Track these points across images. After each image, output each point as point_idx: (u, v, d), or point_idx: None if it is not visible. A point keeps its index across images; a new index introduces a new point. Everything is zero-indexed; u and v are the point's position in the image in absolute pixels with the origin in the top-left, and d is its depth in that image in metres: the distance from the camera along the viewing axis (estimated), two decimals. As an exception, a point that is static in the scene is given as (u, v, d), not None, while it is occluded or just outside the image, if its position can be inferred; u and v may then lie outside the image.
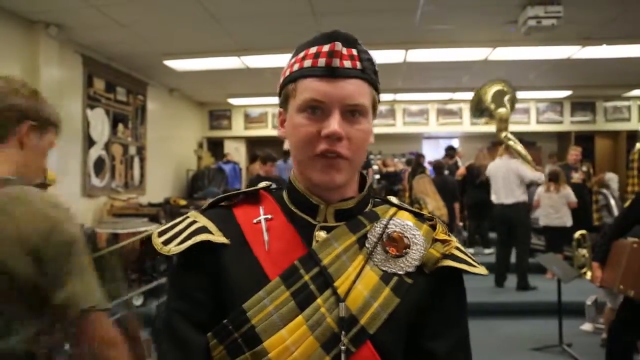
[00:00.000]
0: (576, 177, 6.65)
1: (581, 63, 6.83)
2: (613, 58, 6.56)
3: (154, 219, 6.16)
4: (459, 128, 10.44)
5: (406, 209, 0.92)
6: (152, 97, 7.88)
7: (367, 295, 0.80)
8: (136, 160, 7.46)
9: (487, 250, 7.24)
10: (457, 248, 0.87)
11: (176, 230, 0.86)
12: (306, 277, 0.80)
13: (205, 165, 9.67)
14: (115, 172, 6.86)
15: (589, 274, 6.15)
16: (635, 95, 9.77)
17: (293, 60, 0.87)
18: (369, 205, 0.91)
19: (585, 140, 10.89)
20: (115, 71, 6.74)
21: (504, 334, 4.62)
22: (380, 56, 6.25)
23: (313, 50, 0.83)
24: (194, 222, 0.87)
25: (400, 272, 0.83)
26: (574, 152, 6.91)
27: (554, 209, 6.04)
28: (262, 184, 0.95)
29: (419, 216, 0.91)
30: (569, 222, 6.02)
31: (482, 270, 0.86)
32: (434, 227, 0.89)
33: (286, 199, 0.90)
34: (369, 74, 0.84)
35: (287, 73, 0.87)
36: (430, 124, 10.35)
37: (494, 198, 5.88)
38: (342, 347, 0.76)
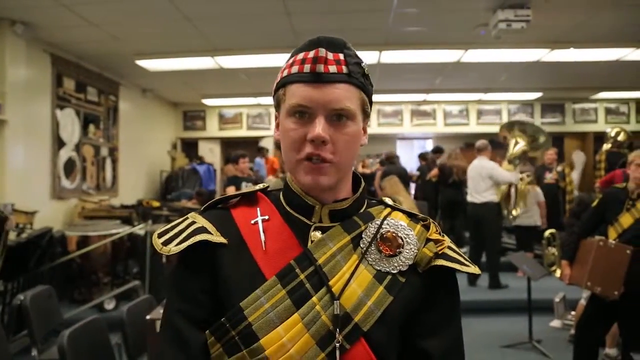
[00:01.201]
0: (549, 177, 6.79)
1: (550, 66, 7.00)
2: (580, 61, 6.73)
3: (127, 221, 6.05)
4: (432, 129, 10.56)
5: (400, 210, 0.93)
6: (124, 97, 7.75)
7: (361, 293, 0.81)
8: (108, 162, 7.33)
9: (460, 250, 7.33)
10: (450, 247, 0.89)
11: (176, 231, 0.88)
12: (302, 276, 0.82)
13: (179, 166, 9.57)
14: (87, 174, 6.72)
15: (558, 272, 6.29)
16: (602, 97, 10.06)
17: (284, 66, 0.89)
18: (364, 206, 0.93)
19: (555, 141, 11.13)
20: (85, 71, 6.61)
21: (476, 332, 4.68)
22: (355, 57, 6.32)
23: (300, 56, 0.85)
24: (193, 222, 0.89)
25: (394, 271, 0.84)
26: (550, 153, 7.05)
27: (524, 208, 6.16)
28: (259, 186, 0.97)
29: (412, 216, 0.93)
30: (539, 221, 6.15)
31: (474, 269, 0.88)
32: (427, 227, 0.91)
33: (282, 200, 0.92)
34: (357, 77, 0.86)
35: (279, 79, 0.89)
36: (404, 124, 10.46)
37: (468, 196, 6.01)
38: (337, 344, 0.78)
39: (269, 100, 9.88)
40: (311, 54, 0.84)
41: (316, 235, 0.86)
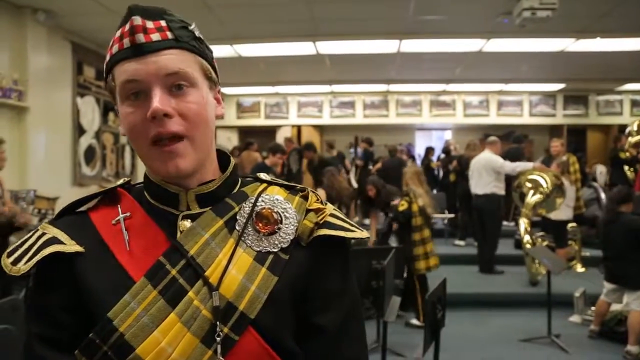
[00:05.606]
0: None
1: (575, 56, 6.84)
2: (607, 51, 6.57)
3: (145, 208, 6.12)
4: (451, 120, 10.45)
5: (277, 184, 0.87)
6: (143, 85, 7.80)
7: (242, 279, 0.76)
8: (127, 149, 7.40)
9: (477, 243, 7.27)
10: (332, 215, 0.83)
11: (25, 247, 0.78)
12: (173, 272, 0.75)
13: (197, 155, 9.63)
14: (106, 161, 6.80)
15: (578, 267, 6.20)
16: (628, 89, 9.81)
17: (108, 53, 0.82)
18: (237, 185, 0.86)
19: (577, 133, 10.94)
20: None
21: (494, 325, 4.65)
22: (374, 46, 6.18)
23: (117, 34, 0.79)
24: (43, 234, 0.80)
25: (275, 250, 0.79)
26: (556, 144, 6.92)
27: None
28: (120, 181, 0.88)
29: (290, 189, 0.87)
30: (570, 214, 6.06)
31: (361, 233, 0.83)
32: (305, 198, 0.85)
33: (145, 193, 0.84)
34: (187, 41, 0.79)
35: (104, 68, 0.82)
36: (423, 115, 10.35)
37: (472, 188, 6.12)
38: (219, 338, 0.72)
39: (287, 89, 9.85)
40: (127, 27, 0.77)
41: (185, 224, 0.79)
